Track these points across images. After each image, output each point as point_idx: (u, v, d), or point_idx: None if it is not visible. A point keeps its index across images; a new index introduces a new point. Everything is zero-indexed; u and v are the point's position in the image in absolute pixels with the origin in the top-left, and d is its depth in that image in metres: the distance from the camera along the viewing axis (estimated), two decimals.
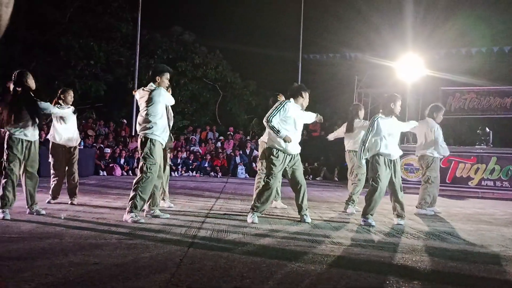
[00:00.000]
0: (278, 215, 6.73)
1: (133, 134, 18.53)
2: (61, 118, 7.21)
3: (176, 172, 17.85)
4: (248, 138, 21.49)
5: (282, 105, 6.05)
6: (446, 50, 18.67)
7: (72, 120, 7.34)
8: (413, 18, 19.44)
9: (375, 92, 19.27)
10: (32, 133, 5.92)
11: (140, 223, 5.47)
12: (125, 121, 20.71)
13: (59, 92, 7.35)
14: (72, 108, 7.30)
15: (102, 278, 3.13)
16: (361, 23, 21.99)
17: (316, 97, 26.54)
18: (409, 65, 15.27)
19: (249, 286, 3.07)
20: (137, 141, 7.68)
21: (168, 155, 7.19)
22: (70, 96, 7.32)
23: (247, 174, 18.53)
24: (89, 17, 22.59)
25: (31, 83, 5.93)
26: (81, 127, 17.53)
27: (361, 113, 7.88)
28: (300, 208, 6.26)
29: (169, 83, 6.18)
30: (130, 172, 16.86)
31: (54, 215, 5.95)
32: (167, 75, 6.02)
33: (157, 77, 5.93)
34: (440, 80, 16.26)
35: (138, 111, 6.18)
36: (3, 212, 5.53)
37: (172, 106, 6.42)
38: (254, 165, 18.62)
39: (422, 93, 17.43)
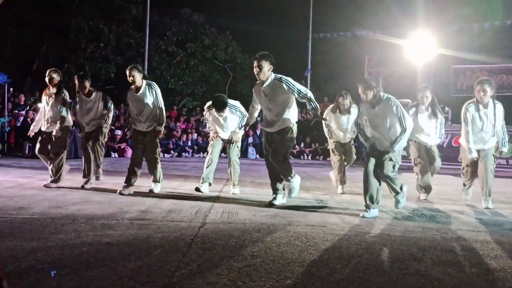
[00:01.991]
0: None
1: None
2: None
3: (187, 153, 17.93)
4: (259, 119, 21.42)
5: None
6: (459, 26, 18.37)
7: None
8: None
9: (385, 71, 19.06)
10: None
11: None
12: None
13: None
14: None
15: (114, 258, 3.16)
16: (371, 0, 21.70)
17: (326, 76, 26.41)
18: (420, 43, 15.06)
19: (260, 265, 3.09)
20: None
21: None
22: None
23: (257, 155, 18.55)
24: None
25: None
26: None
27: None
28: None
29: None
30: None
31: (66, 195, 6.02)
32: None
33: None
34: (451, 58, 16.07)
35: None
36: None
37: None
38: None
39: (433, 72, 17.23)
